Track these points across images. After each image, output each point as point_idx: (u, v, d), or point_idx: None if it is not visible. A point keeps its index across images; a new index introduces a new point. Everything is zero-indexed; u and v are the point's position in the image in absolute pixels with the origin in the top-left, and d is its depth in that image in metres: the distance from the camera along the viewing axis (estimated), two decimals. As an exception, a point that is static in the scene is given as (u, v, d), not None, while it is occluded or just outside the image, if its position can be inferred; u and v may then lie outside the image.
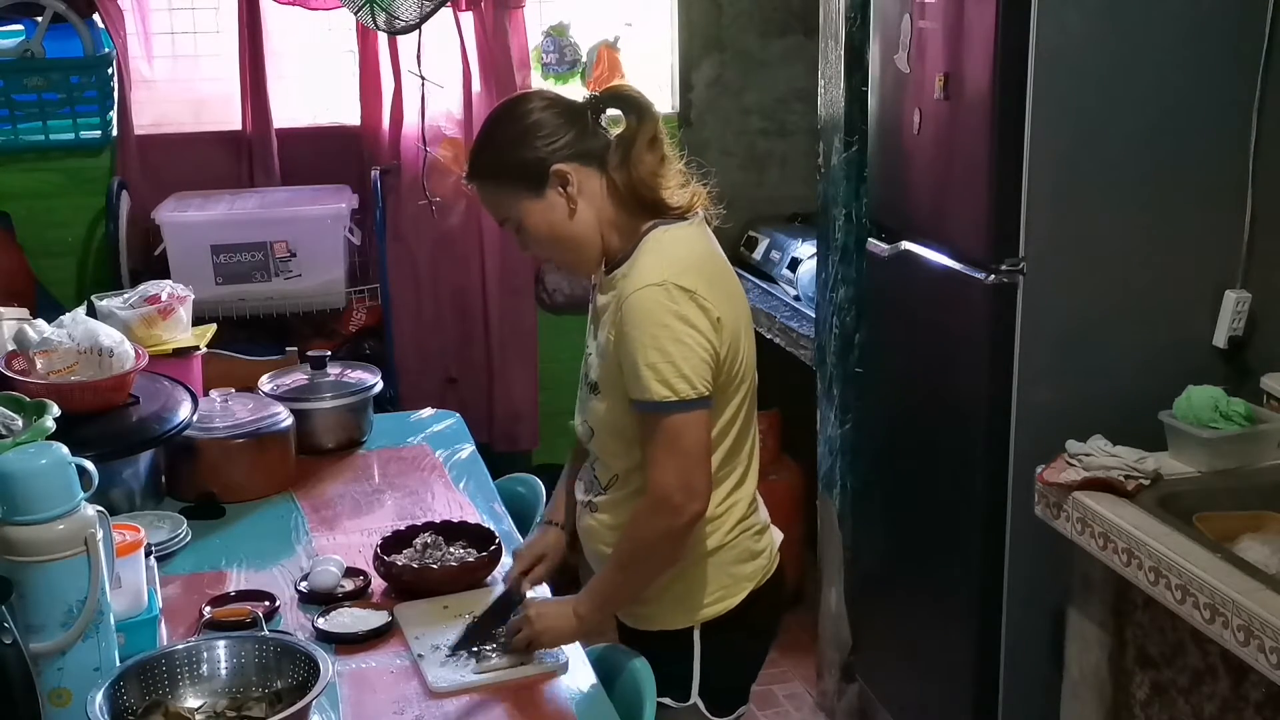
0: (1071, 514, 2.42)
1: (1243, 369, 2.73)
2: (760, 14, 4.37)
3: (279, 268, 3.74)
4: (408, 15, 3.60)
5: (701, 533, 2.07)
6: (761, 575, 2.17)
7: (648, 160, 2.04)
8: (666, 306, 1.95)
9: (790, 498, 4.03)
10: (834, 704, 3.59)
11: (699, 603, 2.11)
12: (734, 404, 2.08)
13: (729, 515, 2.12)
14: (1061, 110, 2.62)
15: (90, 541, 1.77)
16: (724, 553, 2.12)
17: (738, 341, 2.05)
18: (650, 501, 2.01)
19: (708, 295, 1.98)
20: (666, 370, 1.94)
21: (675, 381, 1.94)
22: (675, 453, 1.97)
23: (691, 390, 1.95)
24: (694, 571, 2.10)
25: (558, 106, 2.07)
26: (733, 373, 2.05)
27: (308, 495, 2.70)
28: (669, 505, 1.98)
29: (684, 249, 2.04)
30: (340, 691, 1.98)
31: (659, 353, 1.94)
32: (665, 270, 1.98)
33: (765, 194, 4.37)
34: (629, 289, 1.98)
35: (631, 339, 1.96)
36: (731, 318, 2.03)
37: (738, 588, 2.13)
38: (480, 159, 2.10)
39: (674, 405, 1.95)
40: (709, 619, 2.12)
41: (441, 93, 4.05)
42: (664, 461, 1.98)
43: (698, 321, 1.96)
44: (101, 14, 3.84)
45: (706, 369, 1.97)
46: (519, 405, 4.28)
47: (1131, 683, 2.44)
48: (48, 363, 2.57)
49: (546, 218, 2.04)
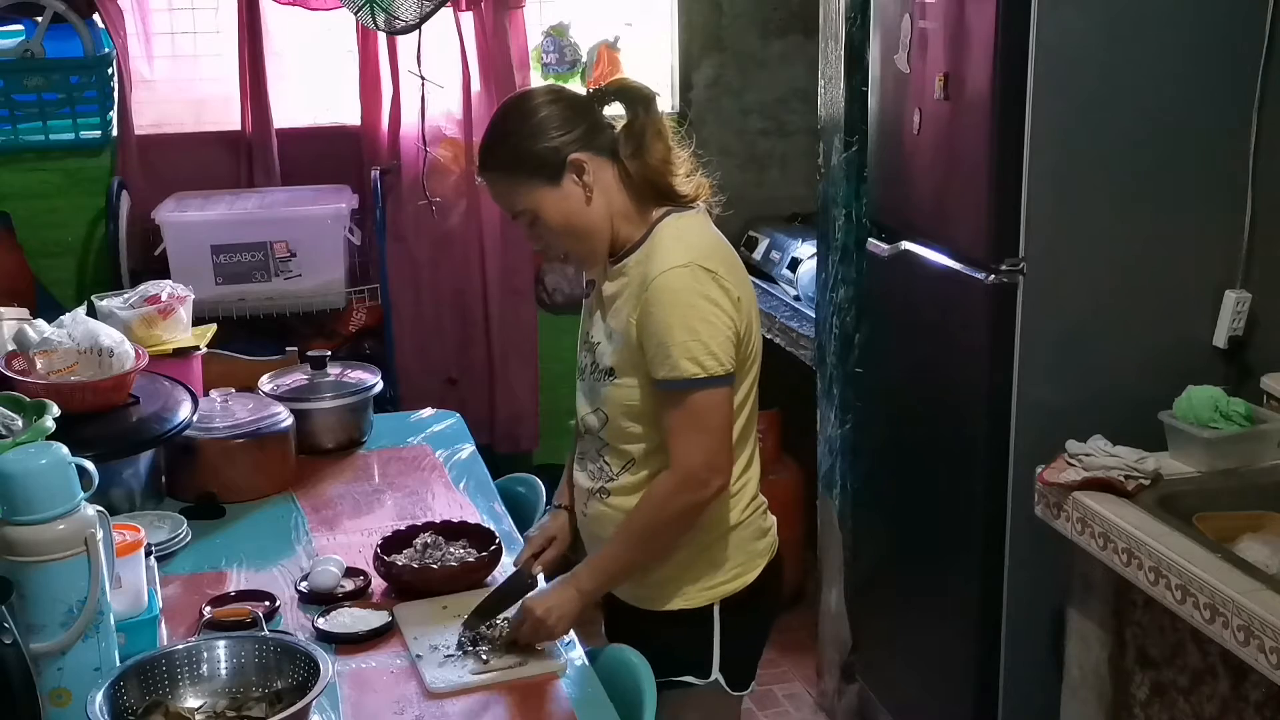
0: (1071, 514, 2.42)
1: (1243, 369, 2.73)
2: (760, 14, 4.37)
3: (279, 268, 3.74)
4: (408, 15, 3.60)
5: (724, 509, 2.13)
6: (771, 551, 2.23)
7: (658, 148, 2.09)
8: (693, 287, 2.01)
9: (790, 498, 4.03)
10: (834, 704, 3.59)
11: (719, 580, 2.16)
12: (748, 382, 2.14)
13: (744, 492, 2.17)
14: (1061, 110, 2.62)
15: (90, 541, 1.77)
16: (742, 529, 2.17)
17: (752, 321, 2.11)
18: (675, 478, 2.05)
19: (728, 276, 2.05)
20: (696, 348, 1.99)
21: (704, 359, 2.00)
22: (702, 429, 2.03)
23: (720, 367, 2.01)
24: (716, 548, 2.15)
25: (565, 100, 2.10)
26: (748, 353, 2.11)
27: (308, 495, 2.70)
28: (695, 480, 2.04)
29: (701, 234, 2.11)
30: (340, 691, 1.98)
31: (688, 330, 1.99)
32: (689, 253, 2.03)
33: (765, 194, 4.37)
34: (655, 271, 2.03)
35: (658, 319, 2.01)
36: (747, 298, 2.10)
37: (753, 564, 2.19)
38: (495, 152, 2.11)
39: (702, 382, 2.00)
40: (728, 595, 2.17)
41: (441, 93, 4.05)
42: (690, 438, 2.03)
43: (722, 301, 2.02)
44: (101, 14, 3.84)
45: (731, 347, 2.03)
46: (519, 406, 4.27)
47: (1131, 683, 2.44)
48: (48, 363, 2.57)
49: (562, 207, 2.07)
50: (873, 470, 3.36)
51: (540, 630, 2.06)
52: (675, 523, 2.08)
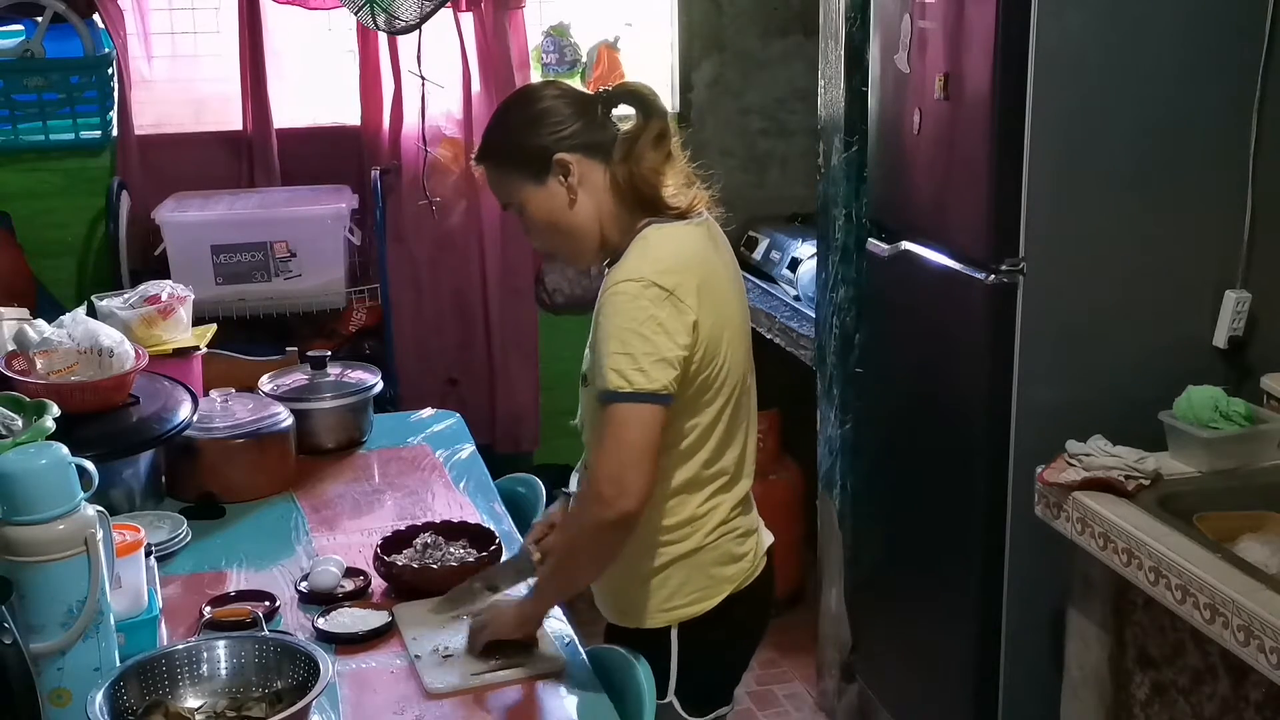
0: (1071, 514, 2.42)
1: (1243, 369, 2.73)
2: (760, 14, 4.37)
3: (279, 268, 3.74)
4: (408, 15, 3.60)
5: (680, 534, 2.09)
6: (743, 578, 2.16)
7: (650, 157, 2.05)
8: (638, 303, 1.95)
9: (790, 498, 4.03)
10: (834, 704, 3.59)
11: (677, 603, 2.11)
12: (714, 408, 2.06)
13: (710, 517, 2.11)
14: (1061, 110, 2.62)
15: (90, 541, 1.77)
16: (703, 554, 2.11)
17: (718, 345, 2.03)
18: (584, 491, 2.03)
19: (687, 297, 1.97)
20: (623, 362, 1.94)
21: (630, 373, 1.93)
22: (616, 444, 1.95)
23: (647, 383, 1.93)
24: (672, 572, 2.11)
25: (569, 97, 2.09)
26: (710, 377, 2.04)
27: (308, 495, 2.70)
28: (598, 497, 1.96)
29: (672, 248, 2.03)
30: (340, 691, 1.98)
31: (621, 344, 1.94)
32: (648, 267, 1.98)
33: (765, 194, 4.37)
34: (610, 282, 2.00)
35: (602, 330, 1.98)
36: (714, 322, 2.01)
37: (717, 589, 2.13)
38: (490, 141, 2.12)
39: (625, 395, 1.93)
40: (686, 619, 2.12)
41: (441, 93, 4.05)
42: (605, 453, 1.96)
43: (669, 322, 1.95)
44: (101, 14, 3.84)
45: (669, 369, 1.95)
46: (519, 406, 4.28)
47: (1131, 683, 2.44)
48: (48, 363, 2.57)
49: (546, 206, 2.05)
50: (873, 470, 3.36)
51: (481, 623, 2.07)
52: (585, 540, 2.01)
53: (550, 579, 2.09)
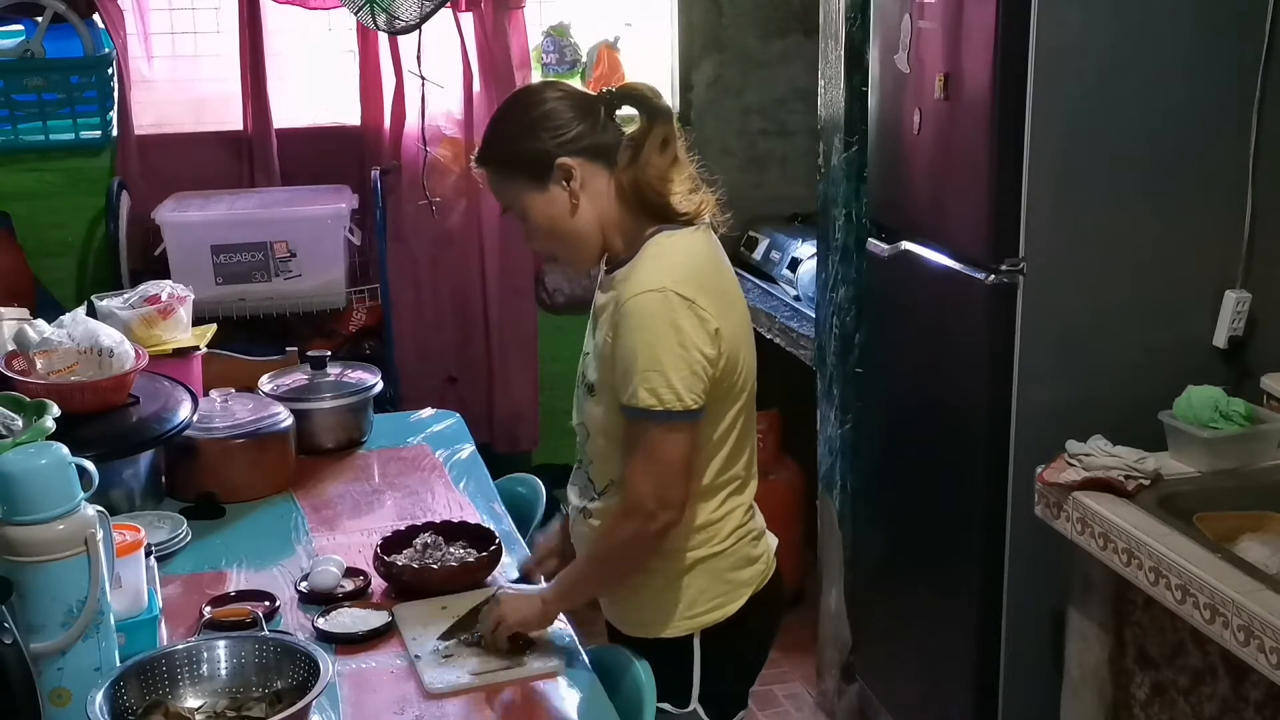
0: (1071, 514, 2.42)
1: (1243, 369, 2.73)
2: (760, 14, 4.37)
3: (279, 268, 3.75)
4: (408, 15, 3.60)
5: (697, 540, 2.08)
6: (759, 580, 2.16)
7: (656, 163, 2.01)
8: (664, 315, 1.93)
9: (790, 498, 4.03)
10: (834, 704, 3.59)
11: (698, 610, 2.11)
12: (731, 413, 2.06)
13: (726, 522, 2.10)
14: (1061, 110, 2.62)
15: (90, 541, 1.77)
16: (721, 559, 2.11)
17: (737, 353, 2.03)
18: (624, 506, 2.02)
19: (707, 305, 1.96)
20: (656, 380, 1.93)
21: (663, 392, 1.93)
22: (654, 462, 1.97)
23: (678, 403, 1.93)
24: (691, 579, 2.10)
25: (571, 99, 2.04)
26: (730, 383, 2.03)
27: (308, 495, 2.70)
28: (642, 512, 1.98)
29: (686, 256, 2.01)
30: (340, 691, 1.98)
31: (651, 360, 1.93)
32: (666, 277, 1.95)
33: (765, 194, 4.37)
34: (628, 293, 1.96)
35: (626, 344, 1.95)
36: (731, 329, 2.01)
37: (736, 594, 2.12)
38: (489, 145, 2.08)
39: (659, 415, 1.94)
40: (708, 625, 2.11)
41: (441, 93, 4.05)
42: (642, 469, 1.98)
43: (694, 332, 1.94)
44: (101, 14, 3.84)
45: (698, 382, 1.95)
46: (519, 405, 4.28)
47: (1131, 683, 2.44)
48: (48, 363, 2.57)
49: (547, 211, 2.02)
50: (873, 470, 3.36)
51: (497, 616, 2.06)
52: (624, 551, 2.04)
53: (580, 584, 2.11)
